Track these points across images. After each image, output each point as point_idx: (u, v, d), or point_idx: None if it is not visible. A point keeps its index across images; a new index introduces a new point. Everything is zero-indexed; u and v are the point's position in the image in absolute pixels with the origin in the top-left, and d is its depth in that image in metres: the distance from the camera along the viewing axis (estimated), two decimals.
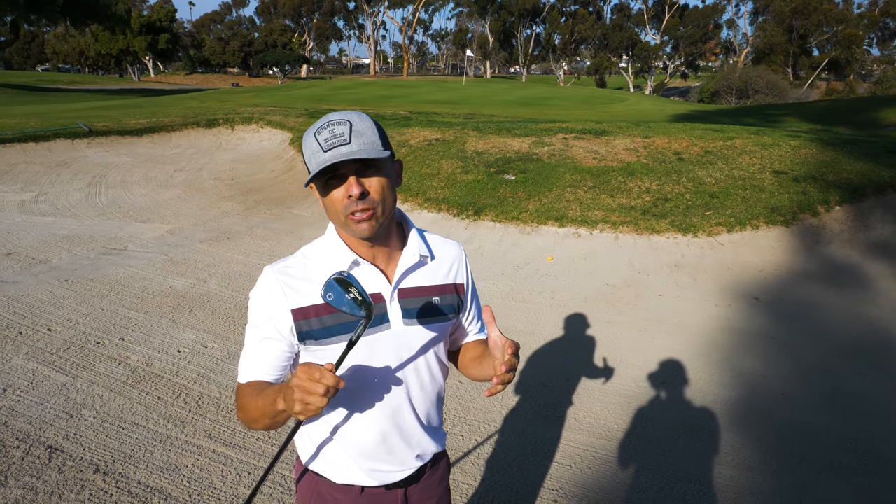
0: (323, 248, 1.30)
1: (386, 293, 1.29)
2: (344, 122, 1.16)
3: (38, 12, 29.70)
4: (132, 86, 45.57)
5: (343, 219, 1.20)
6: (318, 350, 1.26)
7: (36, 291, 4.79)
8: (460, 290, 1.41)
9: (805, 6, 51.63)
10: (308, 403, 1.01)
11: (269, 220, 7.27)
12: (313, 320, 1.23)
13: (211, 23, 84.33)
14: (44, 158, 9.88)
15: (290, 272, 1.26)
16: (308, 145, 1.18)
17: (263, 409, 1.16)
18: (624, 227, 6.47)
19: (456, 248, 1.44)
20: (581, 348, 4.31)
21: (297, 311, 1.23)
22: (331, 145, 1.14)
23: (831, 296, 5.31)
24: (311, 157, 1.17)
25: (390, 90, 30.92)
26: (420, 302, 1.32)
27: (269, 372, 1.27)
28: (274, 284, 1.25)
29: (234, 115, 12.78)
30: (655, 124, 11.27)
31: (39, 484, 2.66)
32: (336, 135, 1.15)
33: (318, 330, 1.24)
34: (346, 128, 1.16)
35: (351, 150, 1.15)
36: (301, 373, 1.02)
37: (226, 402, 3.41)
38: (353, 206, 1.17)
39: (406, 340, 1.31)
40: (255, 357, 1.27)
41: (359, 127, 1.17)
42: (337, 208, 1.19)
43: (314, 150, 1.16)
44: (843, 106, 21.95)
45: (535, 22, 71.55)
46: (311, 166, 1.17)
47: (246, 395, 1.24)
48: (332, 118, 1.17)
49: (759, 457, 3.10)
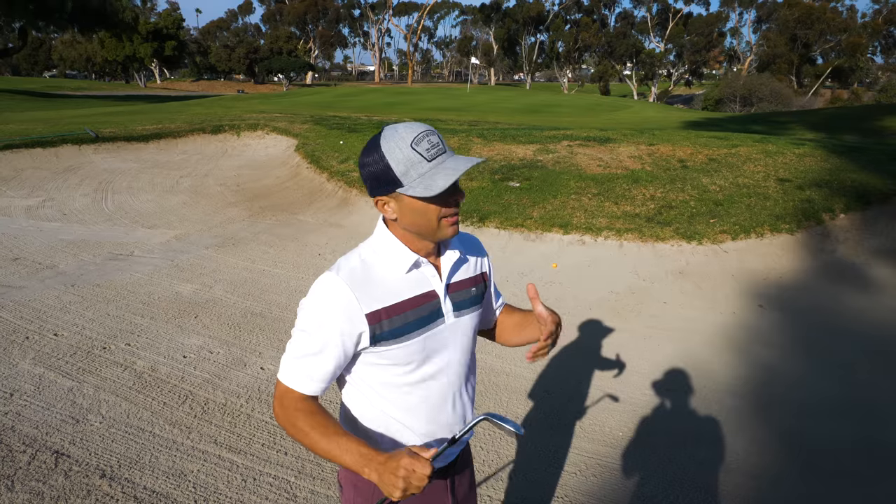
0: (382, 249, 1.32)
1: (440, 290, 1.36)
2: (432, 131, 1.23)
3: (47, 19, 29.94)
4: (138, 92, 45.86)
5: (437, 224, 1.26)
6: (387, 350, 1.30)
7: (43, 296, 4.82)
8: (486, 277, 1.53)
9: (809, 15, 51.70)
10: (407, 490, 1.10)
11: (274, 227, 7.30)
12: (385, 322, 1.27)
13: (217, 30, 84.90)
14: (51, 164, 9.95)
15: (356, 277, 1.27)
16: (402, 157, 1.20)
17: (321, 449, 1.21)
18: (628, 234, 6.47)
19: (476, 241, 1.55)
20: (586, 356, 4.31)
21: (371, 315, 1.25)
22: (434, 154, 1.20)
23: (836, 303, 5.30)
24: (411, 167, 1.20)
25: (395, 97, 31.03)
26: (463, 295, 1.41)
27: (324, 384, 1.30)
28: (344, 291, 1.25)
29: (240, 122, 12.85)
30: (660, 132, 11.28)
31: (46, 489, 2.67)
32: (434, 144, 1.21)
33: (391, 330, 1.27)
34: (437, 137, 1.22)
35: (458, 157, 1.22)
36: (409, 464, 1.10)
37: (231, 407, 3.42)
38: (453, 209, 1.26)
39: (457, 331, 1.39)
40: (311, 367, 1.27)
41: (440, 136, 1.24)
42: (435, 214, 1.24)
43: (414, 161, 1.20)
44: (848, 114, 21.92)
45: (540, 30, 71.81)
46: (411, 176, 1.20)
47: (303, 414, 1.26)
48: (418, 129, 1.21)
49: (765, 465, 3.09)
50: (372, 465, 1.14)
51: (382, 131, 1.24)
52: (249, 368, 3.88)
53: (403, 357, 1.30)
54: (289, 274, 5.67)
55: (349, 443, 1.19)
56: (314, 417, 1.25)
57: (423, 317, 1.31)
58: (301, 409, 1.27)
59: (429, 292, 1.33)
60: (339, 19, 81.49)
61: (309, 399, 1.29)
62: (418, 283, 1.32)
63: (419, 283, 1.32)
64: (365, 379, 1.35)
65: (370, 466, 1.14)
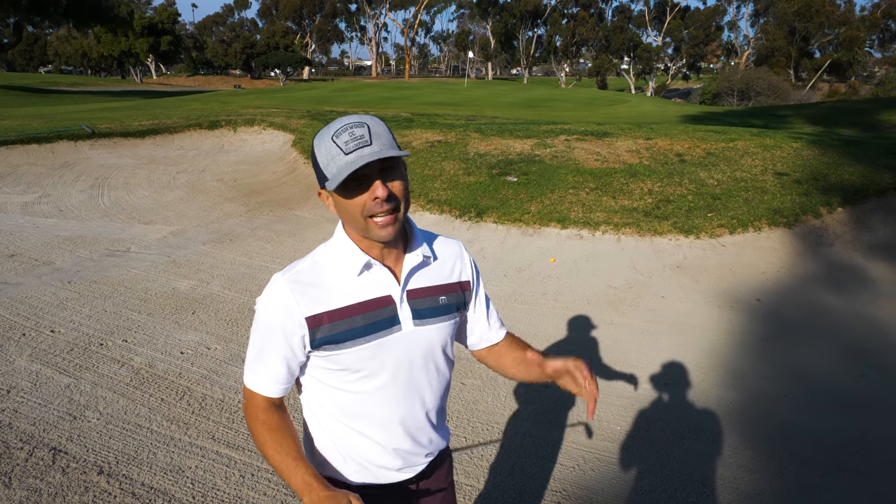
0: (334, 251, 1.28)
1: (396, 295, 1.28)
2: (361, 124, 1.15)
3: (41, 14, 29.79)
4: (134, 87, 45.67)
5: (364, 222, 1.18)
6: (332, 355, 1.25)
7: (39, 293, 4.80)
8: (465, 287, 1.42)
9: (807, 8, 51.59)
10: None
11: (271, 222, 7.28)
12: (326, 326, 1.22)
13: (213, 25, 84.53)
14: (46, 160, 9.91)
15: (301, 278, 1.24)
16: (325, 149, 1.16)
17: (273, 464, 1.23)
18: (626, 228, 6.47)
19: (456, 246, 1.44)
20: (583, 350, 4.31)
21: (311, 319, 1.21)
22: (352, 148, 1.13)
23: (834, 297, 5.31)
24: (330, 160, 1.15)
25: (392, 92, 30.96)
26: (428, 302, 1.32)
27: (282, 385, 1.29)
28: (285, 293, 1.22)
29: (237, 117, 12.80)
30: (657, 126, 11.26)
31: (43, 485, 2.67)
32: (356, 137, 1.13)
33: (335, 335, 1.23)
34: (365, 130, 1.14)
35: (374, 150, 1.13)
36: (329, 500, 1.13)
37: (229, 403, 3.42)
38: (378, 207, 1.16)
39: (417, 341, 1.31)
40: (266, 368, 1.27)
41: (376, 129, 1.15)
42: (357, 212, 1.17)
43: (333, 154, 1.14)
44: (846, 108, 21.92)
45: (537, 24, 71.60)
46: (331, 170, 1.15)
47: (264, 427, 1.26)
48: (347, 121, 1.15)
49: (763, 459, 3.10)
50: (312, 496, 1.15)
51: None
52: None
53: (352, 363, 1.25)
54: None
55: (297, 467, 1.19)
56: (272, 434, 1.25)
57: (373, 322, 1.25)
58: (262, 419, 1.27)
59: (384, 297, 1.26)
60: (336, 14, 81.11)
61: (272, 406, 1.28)
62: (374, 287, 1.26)
63: (374, 286, 1.26)
64: (318, 384, 1.32)
65: (310, 497, 1.15)
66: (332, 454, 1.36)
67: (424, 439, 1.39)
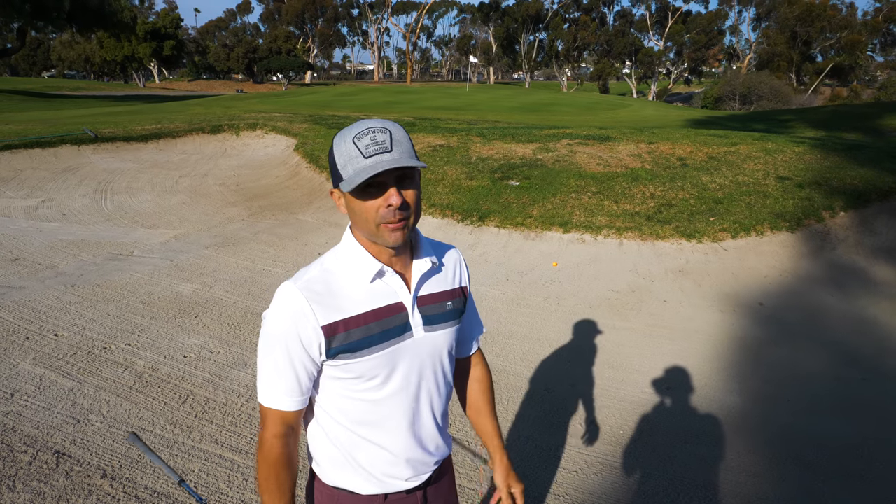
0: (345, 257, 1.26)
1: (407, 302, 1.28)
2: (384, 129, 1.14)
3: (44, 19, 29.91)
4: (137, 92, 45.82)
5: (375, 228, 1.17)
6: (348, 364, 1.24)
7: (43, 297, 4.82)
8: (465, 292, 1.44)
9: (808, 13, 51.67)
10: None
11: (273, 226, 7.30)
12: (342, 335, 1.20)
13: (216, 29, 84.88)
14: (50, 164, 9.94)
15: (314, 287, 1.22)
16: (344, 149, 1.15)
17: (264, 500, 1.26)
18: (628, 232, 6.47)
19: (455, 252, 1.46)
20: (586, 354, 4.31)
21: (328, 327, 1.19)
22: (372, 152, 1.12)
23: (837, 301, 5.30)
24: (348, 162, 1.14)
25: (394, 96, 31.04)
26: (437, 308, 1.33)
27: (301, 397, 1.26)
28: (300, 301, 1.20)
29: (239, 122, 12.84)
30: (659, 130, 11.28)
31: (47, 489, 2.67)
32: (378, 142, 1.13)
33: (350, 343, 1.21)
34: (387, 136, 1.14)
35: (393, 157, 1.12)
36: None
37: (232, 407, 3.42)
38: (391, 215, 1.15)
39: (427, 347, 1.31)
40: (281, 381, 1.23)
41: (397, 136, 1.15)
42: (370, 217, 1.16)
43: (352, 156, 1.14)
44: (848, 111, 21.92)
45: (539, 28, 71.81)
46: (348, 171, 1.14)
47: (268, 465, 1.26)
48: (370, 125, 1.15)
49: (766, 463, 3.10)
50: None
51: None
52: (250, 368, 3.88)
53: (367, 371, 1.24)
54: (289, 273, 5.67)
55: None
56: (274, 469, 1.26)
57: (387, 329, 1.24)
58: (269, 455, 1.26)
59: (396, 304, 1.26)
60: (338, 18, 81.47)
61: (288, 433, 1.27)
62: (385, 294, 1.25)
63: (386, 293, 1.25)
64: (326, 394, 1.30)
65: None
66: (339, 464, 1.34)
67: (432, 446, 1.39)
